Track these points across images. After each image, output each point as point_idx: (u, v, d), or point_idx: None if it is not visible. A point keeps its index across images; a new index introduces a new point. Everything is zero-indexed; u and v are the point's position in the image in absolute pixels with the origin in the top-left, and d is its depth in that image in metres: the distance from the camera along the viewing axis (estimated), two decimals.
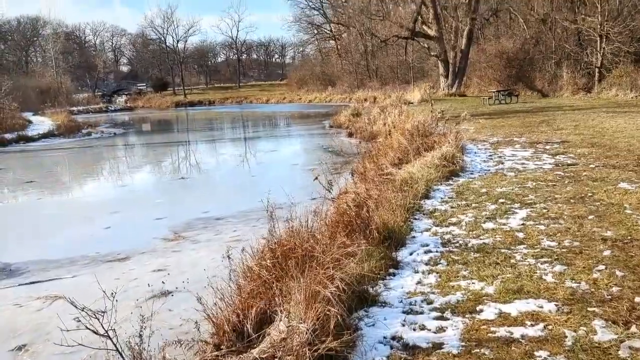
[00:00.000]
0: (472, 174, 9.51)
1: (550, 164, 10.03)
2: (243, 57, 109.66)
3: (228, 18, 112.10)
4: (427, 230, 6.36)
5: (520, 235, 5.92)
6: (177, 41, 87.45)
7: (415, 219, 6.88)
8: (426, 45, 40.98)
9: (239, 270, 4.67)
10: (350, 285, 4.22)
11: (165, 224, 8.78)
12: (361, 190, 7.02)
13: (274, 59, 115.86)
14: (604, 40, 29.58)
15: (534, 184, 8.38)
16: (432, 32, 38.70)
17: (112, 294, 3.41)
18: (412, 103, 32.21)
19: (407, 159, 10.44)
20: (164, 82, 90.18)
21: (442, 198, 7.83)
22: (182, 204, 10.69)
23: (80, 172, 16.75)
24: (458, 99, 35.14)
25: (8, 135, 27.83)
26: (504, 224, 6.36)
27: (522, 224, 6.31)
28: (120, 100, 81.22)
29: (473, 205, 7.33)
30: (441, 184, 8.65)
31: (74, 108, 65.17)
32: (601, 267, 4.88)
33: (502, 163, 10.35)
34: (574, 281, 4.62)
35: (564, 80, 31.73)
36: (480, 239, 5.87)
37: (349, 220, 5.64)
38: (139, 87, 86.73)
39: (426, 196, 7.87)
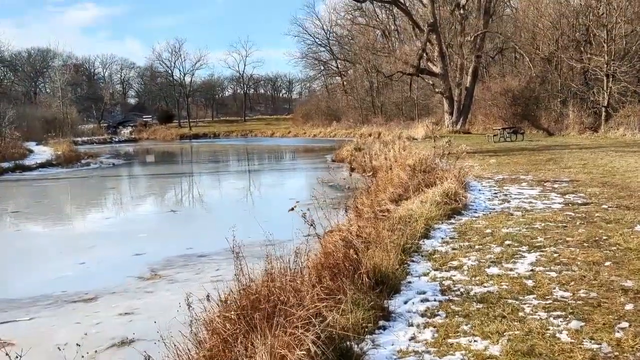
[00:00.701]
0: (475, 212, 8.88)
1: (559, 203, 9.40)
2: (250, 91, 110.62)
3: (235, 53, 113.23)
4: (425, 274, 5.70)
5: (530, 283, 5.26)
6: (184, 74, 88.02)
7: (413, 261, 6.22)
8: (431, 82, 40.78)
9: (203, 321, 4.03)
10: (331, 340, 3.57)
11: (144, 261, 8.15)
12: (353, 227, 6.40)
13: (281, 94, 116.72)
14: (611, 79, 29.20)
15: (543, 224, 7.74)
16: (437, 69, 38.51)
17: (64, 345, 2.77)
18: (415, 139, 31.75)
19: (407, 195, 9.84)
20: (170, 114, 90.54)
21: (442, 238, 7.18)
22: (166, 239, 10.08)
23: (68, 204, 16.23)
24: (462, 136, 34.65)
25: (5, 164, 27.43)
26: (511, 270, 5.71)
27: (531, 270, 5.66)
28: (126, 131, 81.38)
29: (476, 247, 6.68)
30: (442, 223, 8.01)
31: (79, 139, 65.30)
32: (624, 324, 4.21)
33: (508, 202, 9.72)
34: (593, 341, 3.94)
35: (570, 119, 31.25)
36: (484, 287, 5.21)
37: (335, 262, 4.99)
38: (144, 119, 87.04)
39: (426, 236, 7.23)
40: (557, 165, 15.50)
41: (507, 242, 6.80)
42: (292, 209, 6.01)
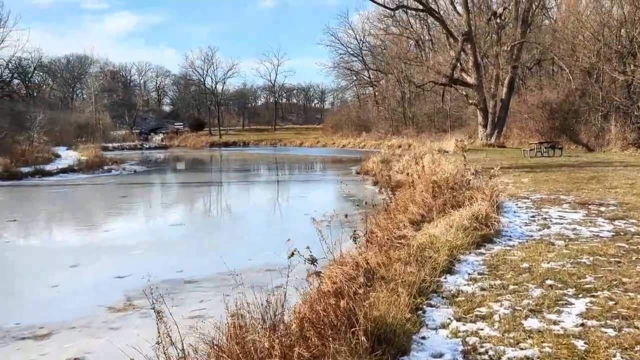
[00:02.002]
0: (510, 239, 7.63)
1: (608, 231, 8.08)
2: (283, 100, 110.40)
3: (267, 62, 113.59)
4: (445, 326, 4.52)
5: (580, 344, 4.04)
6: (216, 83, 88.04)
7: (431, 305, 5.04)
8: (464, 93, 39.35)
9: None
10: None
11: (124, 286, 7.16)
12: (361, 259, 5.27)
13: (313, 104, 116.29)
14: None
15: (592, 258, 6.47)
16: (471, 80, 37.08)
17: None
18: (447, 152, 30.37)
19: (430, 216, 8.64)
20: (201, 122, 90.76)
21: (469, 274, 5.98)
22: (159, 258, 9.09)
23: (71, 212, 15.50)
24: (497, 149, 33.19)
25: (25, 169, 27.07)
26: (555, 323, 4.49)
27: (582, 325, 4.43)
28: (157, 138, 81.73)
29: (511, 287, 5.46)
30: (470, 253, 6.79)
31: (109, 144, 65.70)
32: None
33: (548, 227, 8.43)
34: None
35: (612, 134, 29.48)
36: (521, 348, 4.01)
37: (320, 316, 3.87)
38: (176, 126, 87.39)
39: (449, 270, 6.02)
40: (601, 184, 14.06)
41: (548, 282, 5.57)
42: (292, 254, 4.99)
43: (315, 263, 5.25)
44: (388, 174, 18.76)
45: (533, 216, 9.45)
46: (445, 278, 5.78)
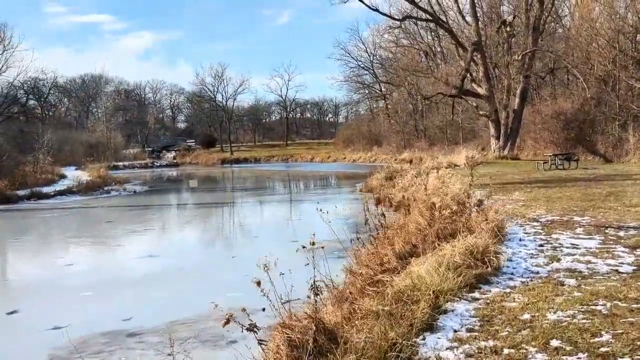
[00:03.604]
0: (512, 278, 6.47)
1: (629, 264, 6.89)
2: (297, 115, 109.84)
3: (278, 77, 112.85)
4: None
5: None
6: (227, 99, 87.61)
7: None
8: (475, 104, 38.15)
9: None
10: None
11: (54, 340, 6.14)
12: (314, 320, 4.18)
13: (327, 118, 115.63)
14: None
15: (609, 305, 5.30)
16: (482, 91, 35.93)
17: None
18: (458, 166, 29.15)
19: (423, 247, 7.51)
20: (212, 138, 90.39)
21: (455, 331, 4.83)
22: (109, 302, 8.05)
23: (40, 242, 14.72)
24: (510, 162, 31.94)
25: (21, 192, 26.35)
26: None
27: None
28: (169, 156, 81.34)
29: (505, 351, 4.32)
30: (460, 300, 5.63)
31: (120, 163, 65.53)
32: None
33: (558, 260, 7.25)
34: None
35: (631, 145, 28.07)
36: None
37: None
38: (187, 144, 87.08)
39: (429, 327, 4.87)
40: (620, 201, 12.81)
41: (553, 343, 4.42)
42: (227, 321, 4.04)
43: (255, 330, 4.23)
44: (389, 193, 17.70)
45: (541, 245, 8.26)
46: (424, 338, 4.64)
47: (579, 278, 6.34)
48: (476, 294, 5.87)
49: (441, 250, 6.81)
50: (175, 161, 75.75)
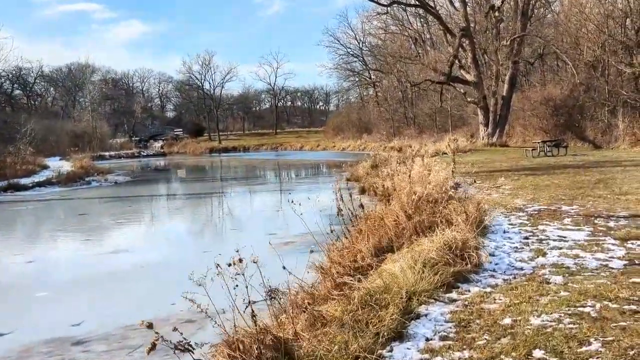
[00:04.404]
0: (493, 276, 5.97)
1: (620, 258, 6.42)
2: (287, 104, 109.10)
3: (266, 65, 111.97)
4: None
5: None
6: (215, 87, 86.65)
7: None
8: (462, 91, 37.64)
9: None
10: None
11: None
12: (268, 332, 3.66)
13: (318, 106, 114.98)
14: None
15: (598, 306, 4.82)
16: (470, 77, 35.39)
17: None
18: (445, 154, 28.69)
19: (399, 242, 7.00)
20: (200, 127, 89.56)
21: (427, 339, 4.33)
22: (63, 304, 7.45)
23: (4, 236, 13.97)
24: (499, 149, 31.51)
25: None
26: None
27: None
28: (157, 145, 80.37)
29: None
30: (436, 302, 5.12)
31: (106, 153, 64.61)
32: None
33: (544, 254, 6.77)
34: None
35: (620, 130, 27.70)
36: None
37: None
38: (175, 133, 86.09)
39: (399, 334, 4.36)
40: (609, 189, 12.37)
41: (536, 353, 3.92)
42: (153, 346, 3.56)
43: (190, 349, 3.72)
44: (374, 182, 17.20)
45: (527, 237, 7.78)
46: (391, 349, 4.13)
47: (566, 275, 5.86)
48: (454, 295, 5.36)
49: (418, 246, 6.30)
50: (162, 151, 74.84)
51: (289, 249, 10.12)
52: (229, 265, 4.25)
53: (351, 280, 5.33)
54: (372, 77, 71.54)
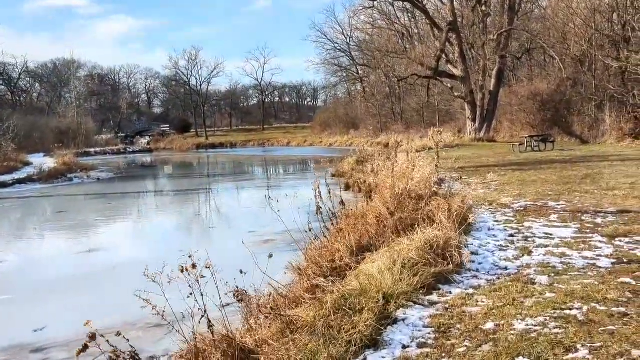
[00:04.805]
0: (476, 276, 5.70)
1: (607, 257, 6.18)
2: (275, 99, 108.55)
3: (253, 60, 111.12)
4: None
5: None
6: (201, 83, 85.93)
7: None
8: (449, 86, 37.45)
9: None
10: None
11: None
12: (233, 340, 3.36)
13: (306, 102, 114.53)
14: None
15: (585, 309, 4.56)
16: (457, 72, 35.19)
17: None
18: (432, 149, 28.48)
19: (376, 241, 6.71)
20: (187, 123, 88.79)
21: (404, 347, 4.04)
22: (29, 307, 7.09)
23: None
24: (486, 144, 31.38)
25: None
26: None
27: None
28: (143, 141, 79.57)
29: None
30: (415, 305, 4.84)
31: (92, 149, 63.86)
32: None
33: (530, 253, 6.51)
34: None
35: (607, 125, 27.63)
36: None
37: None
38: (162, 129, 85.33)
39: (373, 342, 4.07)
40: (596, 184, 12.18)
41: None
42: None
43: None
44: (359, 177, 16.95)
45: (512, 235, 7.53)
46: (364, 359, 3.84)
47: (552, 274, 5.60)
48: (434, 297, 5.08)
49: (398, 245, 6.02)
50: (149, 147, 74.15)
51: (268, 247, 9.82)
52: (181, 271, 3.92)
53: (324, 282, 5.03)
54: (359, 72, 71.22)
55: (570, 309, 4.58)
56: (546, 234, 7.49)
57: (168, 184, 28.19)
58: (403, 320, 4.48)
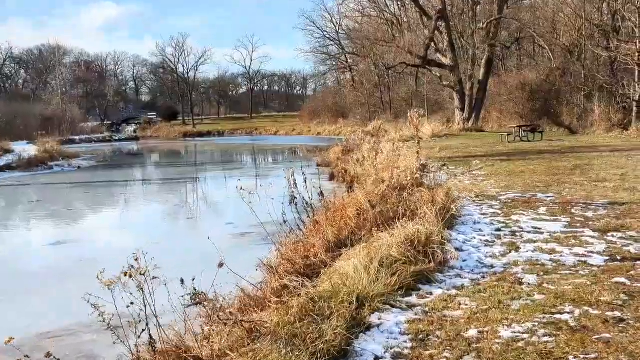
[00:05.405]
0: (459, 275, 5.30)
1: (599, 253, 5.80)
2: (264, 88, 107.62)
3: (242, 48, 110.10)
4: None
5: None
6: (188, 70, 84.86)
7: None
8: (438, 75, 37.02)
9: None
10: None
11: None
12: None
13: (295, 91, 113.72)
14: None
15: (577, 313, 4.18)
16: (446, 61, 34.74)
17: None
18: (421, 139, 28.06)
19: (359, 235, 6.29)
20: (174, 111, 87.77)
21: (376, 357, 3.63)
22: None
23: None
24: (474, 134, 31.01)
25: None
26: None
27: None
28: (129, 129, 78.45)
29: None
30: (392, 308, 4.42)
31: (77, 137, 62.85)
32: None
33: (517, 249, 6.12)
34: None
35: (596, 116, 27.37)
36: None
37: None
38: (149, 117, 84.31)
39: (343, 353, 3.66)
40: (586, 176, 11.83)
41: None
42: None
43: None
44: (344, 167, 16.54)
45: (499, 229, 7.13)
46: None
47: (541, 273, 5.21)
48: (413, 299, 4.67)
49: (378, 240, 5.60)
50: (135, 135, 73.14)
51: (245, 241, 9.40)
52: (125, 275, 3.47)
53: (295, 282, 4.60)
54: (348, 61, 70.63)
55: (561, 313, 4.19)
56: (535, 228, 7.11)
57: (151, 173, 27.64)
58: (377, 326, 4.06)
